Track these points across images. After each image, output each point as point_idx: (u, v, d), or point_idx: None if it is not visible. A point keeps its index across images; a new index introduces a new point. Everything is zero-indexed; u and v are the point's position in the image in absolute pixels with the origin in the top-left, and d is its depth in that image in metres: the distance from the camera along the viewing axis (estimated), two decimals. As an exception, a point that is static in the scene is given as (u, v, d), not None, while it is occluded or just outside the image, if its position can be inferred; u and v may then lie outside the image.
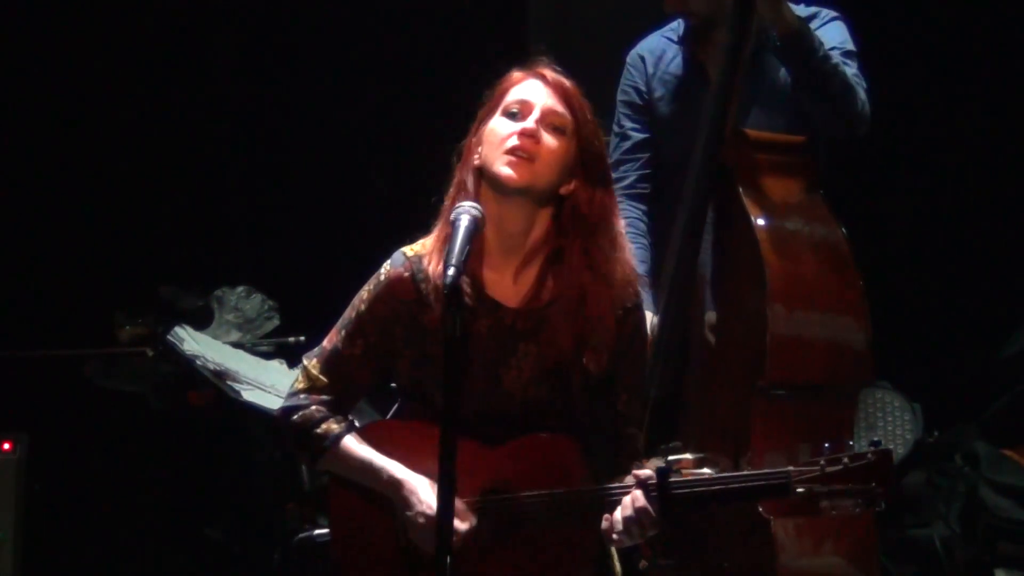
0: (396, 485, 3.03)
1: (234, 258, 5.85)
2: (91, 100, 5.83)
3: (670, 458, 3.67)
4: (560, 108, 3.02)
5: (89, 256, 5.80)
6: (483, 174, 3.02)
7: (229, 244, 5.93)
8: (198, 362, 4.67)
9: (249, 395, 4.54)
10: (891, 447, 5.15)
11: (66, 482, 5.53)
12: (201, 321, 5.29)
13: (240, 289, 5.45)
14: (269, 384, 4.51)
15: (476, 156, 3.03)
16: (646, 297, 3.88)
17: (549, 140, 2.99)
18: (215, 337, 5.13)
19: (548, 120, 3.00)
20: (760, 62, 3.85)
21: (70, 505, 5.55)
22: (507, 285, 3.06)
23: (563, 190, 3.02)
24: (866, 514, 3.57)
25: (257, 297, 5.43)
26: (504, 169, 2.97)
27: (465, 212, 2.89)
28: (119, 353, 5.32)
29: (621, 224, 3.10)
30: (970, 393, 5.44)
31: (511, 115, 3.01)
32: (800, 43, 3.70)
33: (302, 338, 4.99)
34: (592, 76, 4.32)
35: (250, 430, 4.94)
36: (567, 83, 3.06)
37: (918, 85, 5.56)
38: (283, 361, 4.79)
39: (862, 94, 3.80)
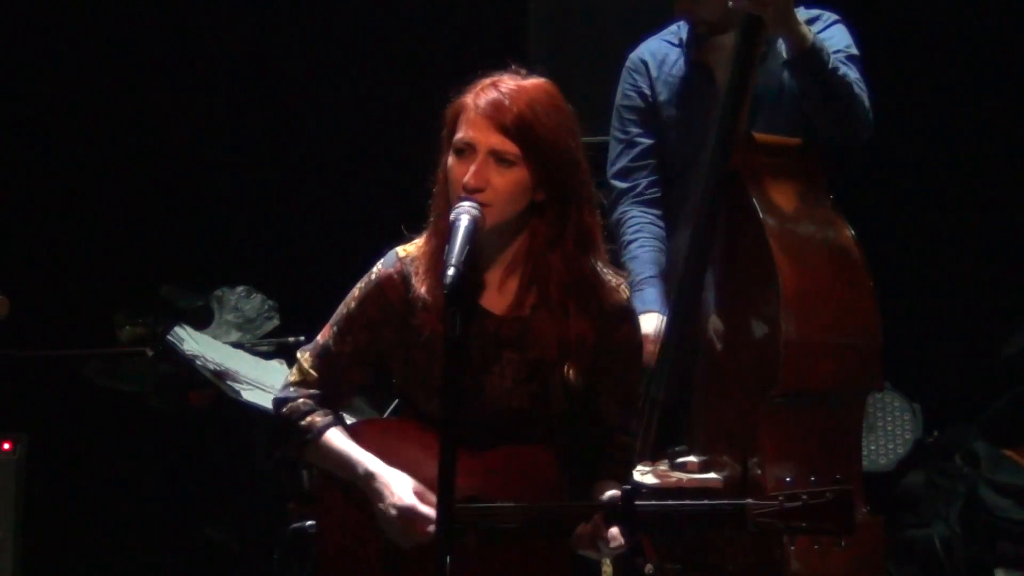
0: (370, 478, 3.03)
1: (234, 258, 5.85)
2: (91, 100, 5.84)
3: (677, 461, 3.69)
4: (502, 143, 2.94)
5: (89, 256, 5.80)
6: None
7: (229, 244, 5.92)
8: (198, 362, 4.67)
9: (249, 395, 4.54)
10: (890, 446, 5.24)
11: (66, 482, 5.53)
12: (201, 321, 5.29)
13: (240, 289, 5.46)
14: (269, 384, 4.51)
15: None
16: (644, 298, 3.88)
17: (498, 177, 2.94)
18: (215, 337, 5.13)
19: (493, 157, 2.94)
20: (764, 67, 3.84)
21: (70, 505, 5.55)
22: (491, 293, 3.05)
23: (536, 196, 2.99)
24: (875, 521, 3.58)
25: (257, 297, 5.43)
26: None
27: (465, 212, 2.89)
28: (119, 353, 5.32)
29: (599, 236, 3.06)
30: (970, 393, 5.44)
31: (459, 152, 2.97)
32: (813, 58, 3.69)
33: (302, 338, 4.98)
34: (592, 77, 4.34)
35: (250, 430, 4.93)
36: (509, 106, 2.95)
37: (916, 85, 5.55)
38: (283, 361, 4.79)
39: (866, 102, 3.79)
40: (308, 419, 3.11)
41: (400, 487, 3.00)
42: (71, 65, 5.83)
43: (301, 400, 3.13)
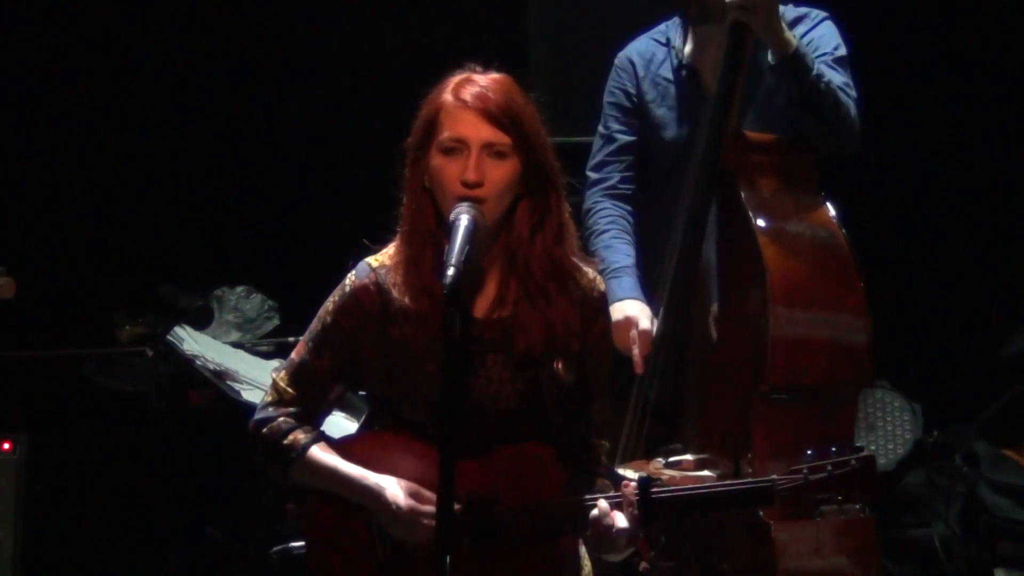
0: (363, 488, 3.01)
1: (234, 258, 5.85)
2: (90, 100, 5.84)
3: (671, 459, 3.68)
4: (495, 134, 2.93)
5: (89, 256, 5.80)
6: (437, 203, 2.98)
7: (229, 244, 5.92)
8: (198, 362, 4.67)
9: (249, 395, 4.54)
10: (890, 446, 5.24)
11: (66, 482, 5.53)
12: (201, 321, 5.30)
13: (240, 289, 5.46)
14: (269, 384, 4.51)
15: (426, 180, 2.99)
16: (624, 285, 3.89)
17: (494, 170, 2.93)
18: (215, 337, 5.13)
19: (488, 151, 2.93)
20: (755, 63, 3.85)
21: (70, 505, 5.55)
22: (471, 296, 3.00)
23: (518, 188, 2.98)
24: (868, 516, 3.57)
25: (257, 297, 5.43)
26: None
27: (465, 212, 2.87)
28: (119, 353, 5.32)
29: (572, 226, 3.06)
30: (970, 393, 5.45)
31: (448, 151, 2.94)
32: (796, 64, 3.71)
33: (301, 338, 4.98)
34: (592, 75, 4.34)
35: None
36: (494, 98, 2.94)
37: (915, 83, 5.55)
38: (283, 361, 4.79)
39: (853, 110, 3.80)
40: (291, 437, 3.07)
41: (394, 491, 2.98)
42: (70, 65, 5.83)
43: (281, 419, 3.09)
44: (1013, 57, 5.58)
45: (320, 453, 3.06)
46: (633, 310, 3.84)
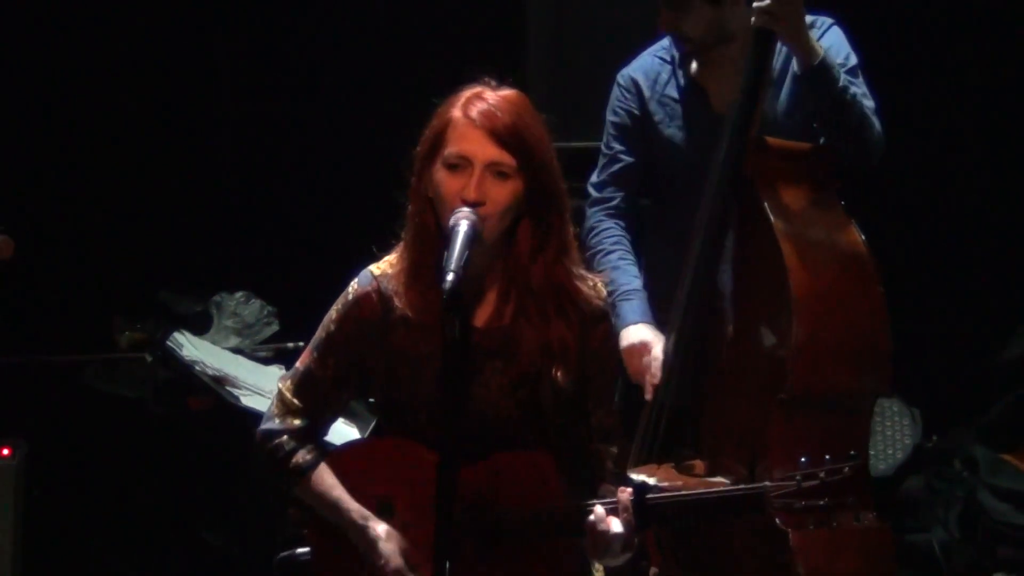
0: (360, 531, 3.05)
1: (233, 263, 5.85)
2: (90, 104, 5.83)
3: (683, 464, 3.68)
4: (500, 154, 2.93)
5: (88, 261, 5.80)
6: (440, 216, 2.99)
7: (228, 249, 5.92)
8: (197, 367, 4.68)
9: (248, 400, 4.55)
10: (890, 451, 5.24)
11: (65, 488, 5.52)
12: (200, 326, 5.30)
13: (239, 294, 5.46)
14: (268, 389, 4.51)
15: (430, 191, 2.99)
16: (636, 308, 3.87)
17: (496, 190, 2.93)
18: (214, 342, 5.14)
19: (491, 170, 2.93)
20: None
21: (69, 511, 5.54)
22: (471, 305, 3.04)
23: (523, 207, 2.99)
24: (883, 527, 3.57)
25: (256, 302, 5.44)
26: None
27: (464, 218, 2.88)
28: (118, 358, 5.32)
29: (574, 240, 3.07)
30: (969, 397, 5.44)
31: (452, 167, 2.95)
32: (823, 75, 3.65)
33: (301, 344, 4.98)
34: (591, 80, 4.34)
35: (249, 435, 4.93)
36: (501, 117, 2.94)
37: (914, 87, 5.55)
38: (282, 367, 4.80)
39: (877, 123, 3.76)
40: (294, 460, 3.10)
41: (387, 547, 3.01)
42: (70, 69, 5.83)
43: (285, 437, 3.11)
44: (1014, 58, 5.59)
45: (321, 479, 3.09)
46: (646, 335, 3.81)
